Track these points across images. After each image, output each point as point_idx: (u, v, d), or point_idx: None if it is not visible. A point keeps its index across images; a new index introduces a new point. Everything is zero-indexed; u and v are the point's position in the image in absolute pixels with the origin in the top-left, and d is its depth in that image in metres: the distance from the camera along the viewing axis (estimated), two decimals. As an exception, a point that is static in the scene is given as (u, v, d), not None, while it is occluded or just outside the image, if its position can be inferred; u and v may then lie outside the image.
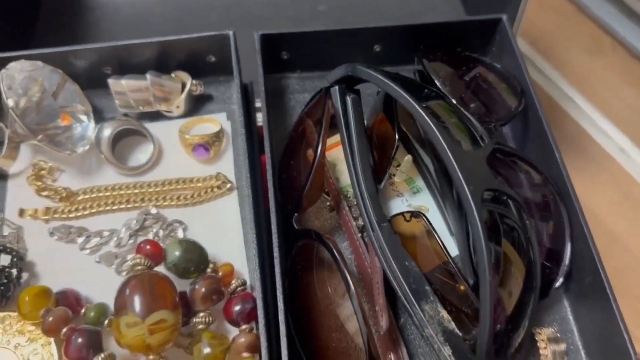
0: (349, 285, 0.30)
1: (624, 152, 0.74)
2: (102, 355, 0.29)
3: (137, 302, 0.29)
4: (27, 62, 0.37)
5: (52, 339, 0.32)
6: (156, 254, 0.32)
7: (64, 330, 0.30)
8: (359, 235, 0.37)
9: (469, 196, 0.28)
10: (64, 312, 0.31)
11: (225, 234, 0.37)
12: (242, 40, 0.41)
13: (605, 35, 0.85)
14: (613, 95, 0.79)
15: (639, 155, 0.74)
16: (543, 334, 0.35)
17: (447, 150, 0.29)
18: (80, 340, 0.30)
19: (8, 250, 0.35)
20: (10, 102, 0.34)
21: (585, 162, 0.75)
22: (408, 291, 0.32)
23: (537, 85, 0.77)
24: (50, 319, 0.30)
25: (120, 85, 0.39)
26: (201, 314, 0.32)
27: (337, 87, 0.36)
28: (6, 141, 0.37)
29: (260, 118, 0.42)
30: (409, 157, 0.38)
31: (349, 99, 0.36)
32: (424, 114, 0.30)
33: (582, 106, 0.78)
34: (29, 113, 0.36)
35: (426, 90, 0.35)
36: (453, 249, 0.37)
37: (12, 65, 0.37)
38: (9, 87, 0.35)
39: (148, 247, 0.32)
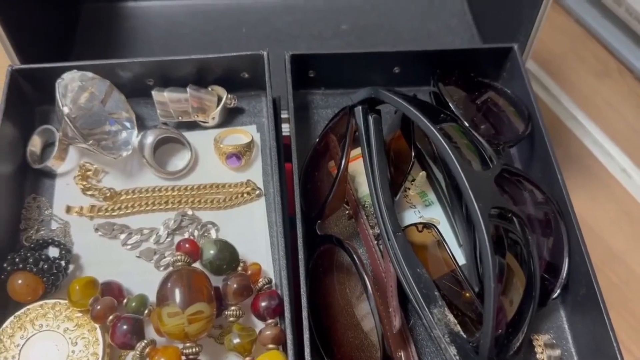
0: (367, 287, 0.34)
1: (625, 172, 0.77)
2: (145, 341, 0.33)
3: (177, 294, 0.33)
4: (79, 73, 0.41)
5: (97, 326, 0.35)
6: (194, 252, 0.36)
7: (110, 317, 0.34)
8: (375, 242, 0.40)
9: (478, 213, 0.31)
10: (111, 301, 0.35)
11: (253, 236, 0.41)
12: (272, 56, 0.44)
13: (612, 59, 0.88)
14: (617, 117, 0.82)
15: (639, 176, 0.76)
16: (540, 340, 0.38)
17: (460, 170, 0.32)
18: (125, 327, 0.33)
19: (56, 243, 0.39)
20: (65, 110, 0.38)
21: (587, 180, 0.78)
22: (419, 295, 0.35)
23: (543, 104, 0.80)
24: (99, 307, 0.34)
25: (162, 96, 0.42)
26: (232, 308, 0.36)
27: (360, 107, 0.39)
28: (57, 143, 0.41)
29: (285, 128, 0.46)
30: (423, 173, 0.41)
31: (371, 119, 0.39)
32: (439, 136, 0.33)
33: (586, 126, 0.81)
34: (80, 119, 0.40)
35: (441, 114, 0.39)
36: (460, 259, 0.40)
37: (66, 75, 0.40)
38: (64, 95, 0.39)
39: (187, 245, 0.36)
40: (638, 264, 0.68)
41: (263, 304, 0.36)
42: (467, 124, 0.40)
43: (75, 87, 0.40)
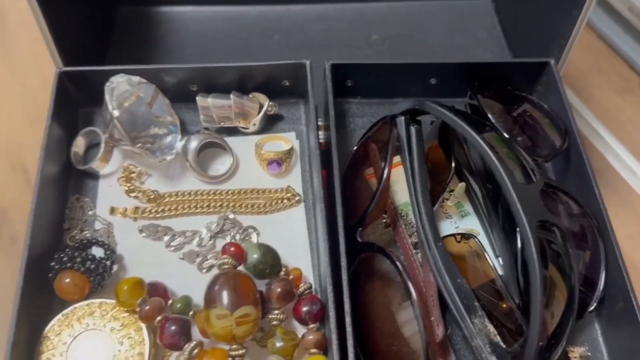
0: (411, 295, 0.34)
1: (649, 189, 0.77)
2: (194, 342, 0.34)
3: (225, 297, 0.34)
4: (126, 76, 0.42)
5: (144, 326, 0.36)
6: (239, 255, 0.37)
7: (158, 318, 0.35)
8: (413, 251, 0.41)
9: (526, 225, 0.32)
10: (159, 302, 0.35)
11: (292, 242, 0.41)
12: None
13: (635, 76, 0.88)
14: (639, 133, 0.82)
15: (663, 193, 0.76)
16: (576, 352, 0.39)
17: (507, 182, 0.33)
18: (174, 327, 0.34)
19: (100, 243, 0.40)
20: (115, 113, 0.39)
21: (609, 195, 0.78)
22: (460, 305, 0.36)
23: (567, 119, 0.80)
24: (147, 307, 0.35)
25: (206, 102, 0.43)
26: (275, 312, 0.36)
27: (403, 118, 0.40)
28: (102, 145, 0.42)
29: (320, 136, 0.47)
30: (463, 184, 0.42)
31: (413, 129, 0.40)
32: (486, 147, 0.34)
33: (609, 141, 0.81)
34: (127, 122, 0.40)
35: (484, 126, 0.39)
36: (497, 270, 0.41)
37: (114, 78, 0.41)
38: (113, 98, 0.40)
39: (232, 248, 0.37)
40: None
41: (305, 308, 0.37)
42: (507, 136, 0.40)
43: (123, 91, 0.40)
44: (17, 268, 0.41)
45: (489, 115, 0.42)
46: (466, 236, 0.39)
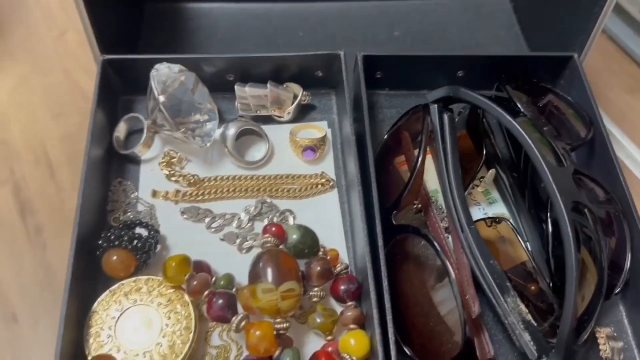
0: (450, 273, 0.36)
1: (659, 185, 0.78)
2: (241, 314, 0.35)
3: (270, 273, 0.35)
4: (169, 64, 0.43)
5: (189, 301, 0.37)
6: (280, 235, 0.38)
7: (206, 292, 0.36)
8: (445, 234, 0.42)
9: (562, 205, 0.33)
10: (206, 277, 0.37)
11: (327, 225, 0.43)
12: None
13: (645, 75, 0.89)
14: (650, 132, 0.84)
15: (673, 189, 0.78)
16: (602, 332, 0.40)
17: (544, 165, 0.34)
18: (221, 301, 0.35)
19: (144, 224, 0.41)
20: (161, 98, 0.41)
21: (622, 191, 0.79)
22: (494, 285, 0.37)
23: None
24: (195, 282, 0.36)
25: (244, 91, 0.45)
26: (315, 289, 0.38)
27: (436, 106, 0.42)
28: (145, 131, 0.43)
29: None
30: (492, 171, 0.43)
31: (446, 117, 0.41)
32: (523, 132, 0.36)
33: (621, 140, 0.83)
34: (170, 108, 0.42)
35: (517, 112, 0.41)
36: (525, 254, 0.42)
37: (158, 65, 0.43)
38: (158, 84, 0.41)
39: (274, 229, 0.38)
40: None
41: (343, 287, 0.38)
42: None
43: (166, 77, 0.42)
44: (42, 257, 0.43)
45: (518, 105, 0.44)
46: (497, 220, 0.41)
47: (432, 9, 0.66)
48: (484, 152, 0.42)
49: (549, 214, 0.39)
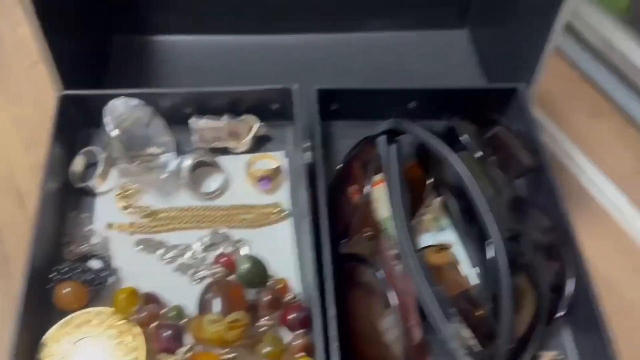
0: (391, 303, 0.37)
1: (618, 208, 0.80)
2: (188, 345, 0.36)
3: (217, 303, 0.36)
4: (125, 99, 0.44)
5: (140, 332, 0.38)
6: (230, 265, 0.39)
7: (154, 324, 0.37)
8: (394, 262, 0.43)
9: (496, 235, 0.35)
10: (155, 310, 0.37)
11: (281, 254, 0.44)
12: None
13: (605, 101, 0.92)
14: (611, 156, 0.86)
15: (632, 212, 0.80)
16: (547, 357, 0.41)
17: (479, 196, 0.36)
18: (168, 332, 0.36)
19: (98, 256, 0.42)
20: (114, 133, 0.42)
21: (583, 215, 0.81)
22: (437, 311, 0.38)
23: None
24: (143, 314, 0.37)
25: (199, 124, 0.46)
26: (264, 318, 0.38)
27: (383, 137, 0.43)
28: (101, 164, 0.44)
29: (308, 156, 0.50)
30: (438, 199, 0.45)
31: (392, 148, 0.43)
32: (460, 162, 0.37)
33: (582, 164, 0.85)
34: (125, 142, 0.43)
35: (457, 144, 0.43)
36: (473, 279, 0.43)
37: (114, 101, 0.44)
38: (112, 119, 0.43)
39: (224, 259, 0.39)
40: (634, 296, 0.71)
41: (291, 315, 0.39)
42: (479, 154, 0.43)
43: (121, 112, 0.43)
44: (10, 287, 0.43)
45: (463, 136, 0.46)
46: (443, 247, 0.42)
47: (393, 41, 0.69)
48: (431, 181, 0.44)
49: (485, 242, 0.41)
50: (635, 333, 0.69)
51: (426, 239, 0.46)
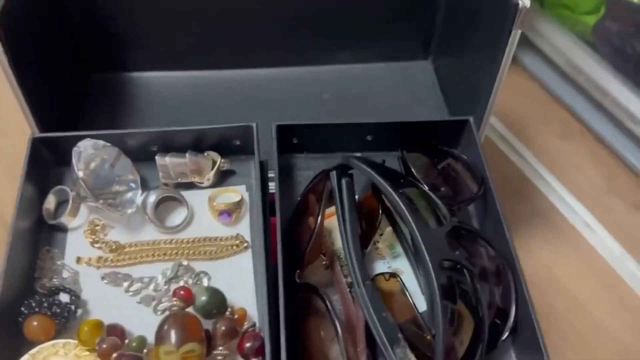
0: (337, 330, 0.39)
1: (588, 226, 0.82)
2: (145, 376, 0.38)
3: (173, 335, 0.38)
4: (92, 141, 0.47)
5: (102, 362, 0.40)
6: (188, 298, 0.41)
7: (114, 355, 0.39)
8: (348, 290, 0.46)
9: (430, 264, 0.37)
10: (115, 341, 0.40)
11: (240, 284, 0.46)
12: (260, 124, 0.51)
13: (575, 122, 0.95)
14: (580, 175, 0.89)
15: (601, 230, 0.82)
16: (492, 379, 0.43)
17: (414, 228, 0.38)
18: (127, 363, 0.38)
19: (67, 290, 0.44)
20: (80, 174, 0.44)
21: (553, 234, 0.83)
22: (384, 337, 0.40)
23: (512, 164, 0.87)
24: (104, 345, 0.39)
25: (164, 160, 0.49)
26: (220, 348, 0.41)
27: (335, 172, 0.46)
28: (70, 202, 0.47)
29: (272, 187, 0.52)
30: (389, 229, 0.47)
31: (344, 182, 0.46)
32: (398, 199, 0.40)
33: (552, 183, 0.87)
34: (91, 181, 0.46)
35: (402, 180, 0.45)
36: (423, 305, 0.46)
37: (81, 143, 0.47)
38: (79, 161, 0.45)
39: (182, 292, 0.41)
40: (601, 313, 0.73)
41: (247, 344, 0.41)
42: (426, 187, 0.46)
43: (88, 154, 0.46)
44: None
45: (412, 169, 0.48)
46: (393, 275, 0.45)
47: (359, 72, 0.72)
48: (380, 211, 0.46)
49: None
50: (604, 349, 0.71)
51: (381, 266, 0.49)
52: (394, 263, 0.49)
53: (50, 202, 0.49)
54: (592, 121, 0.90)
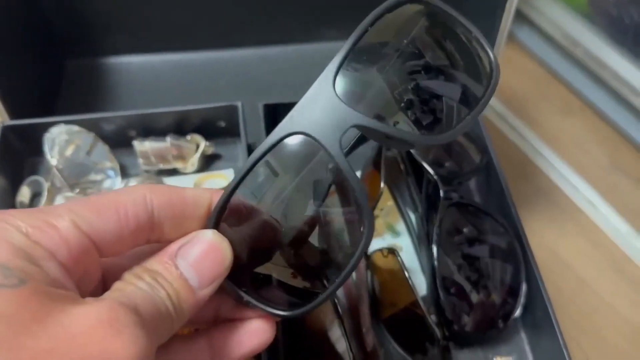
0: (339, 313, 0.37)
1: (591, 204, 0.80)
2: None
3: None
4: (66, 126, 0.44)
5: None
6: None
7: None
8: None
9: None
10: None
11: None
12: (247, 104, 0.48)
13: (575, 98, 0.93)
14: (581, 152, 0.86)
15: (605, 208, 0.80)
16: (502, 361, 0.41)
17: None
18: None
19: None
20: (53, 161, 0.41)
21: (556, 213, 0.81)
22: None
23: (511, 143, 0.84)
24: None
25: (144, 146, 0.46)
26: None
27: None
28: (45, 193, 0.44)
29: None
30: (391, 203, 0.45)
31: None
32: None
33: (553, 162, 0.85)
34: (66, 170, 0.43)
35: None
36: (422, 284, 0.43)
37: (53, 129, 0.43)
38: (52, 148, 0.42)
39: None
40: (607, 293, 0.70)
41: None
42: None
43: (62, 140, 0.43)
44: None
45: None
46: (390, 251, 0.42)
47: (350, 51, 0.68)
48: (382, 184, 0.43)
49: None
50: (610, 329, 0.68)
51: (380, 243, 0.46)
52: (396, 241, 0.46)
53: (24, 194, 0.45)
54: (591, 96, 0.88)
